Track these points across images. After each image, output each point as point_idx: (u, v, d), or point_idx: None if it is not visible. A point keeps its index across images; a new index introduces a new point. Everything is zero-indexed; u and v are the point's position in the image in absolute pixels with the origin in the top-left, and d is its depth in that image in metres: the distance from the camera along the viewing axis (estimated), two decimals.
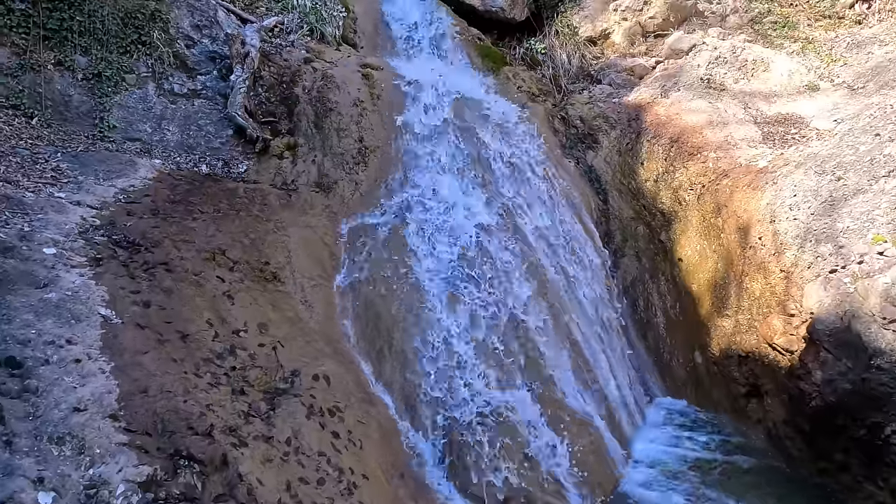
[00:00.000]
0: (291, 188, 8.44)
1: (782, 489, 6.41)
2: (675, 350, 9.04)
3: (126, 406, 4.16)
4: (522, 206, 8.53)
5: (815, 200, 6.87)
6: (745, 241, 7.77)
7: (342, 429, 5.04)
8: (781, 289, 7.09)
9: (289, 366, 5.44)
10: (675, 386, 8.81)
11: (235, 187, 7.83)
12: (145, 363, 4.54)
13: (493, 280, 7.14)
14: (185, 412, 4.28)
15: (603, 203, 10.22)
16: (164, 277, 5.57)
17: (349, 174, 8.61)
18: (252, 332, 5.59)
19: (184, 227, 6.44)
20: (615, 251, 9.91)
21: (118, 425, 4.02)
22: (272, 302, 6.17)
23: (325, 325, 6.38)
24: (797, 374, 6.17)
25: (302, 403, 5.00)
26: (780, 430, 6.92)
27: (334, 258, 7.31)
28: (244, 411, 4.62)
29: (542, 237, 8.41)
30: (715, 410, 8.16)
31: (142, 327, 4.89)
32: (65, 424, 3.87)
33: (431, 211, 7.96)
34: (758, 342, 7.50)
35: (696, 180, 9.05)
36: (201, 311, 5.43)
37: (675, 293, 9.25)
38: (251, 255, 6.57)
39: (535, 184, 8.94)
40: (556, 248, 8.52)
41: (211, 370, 4.85)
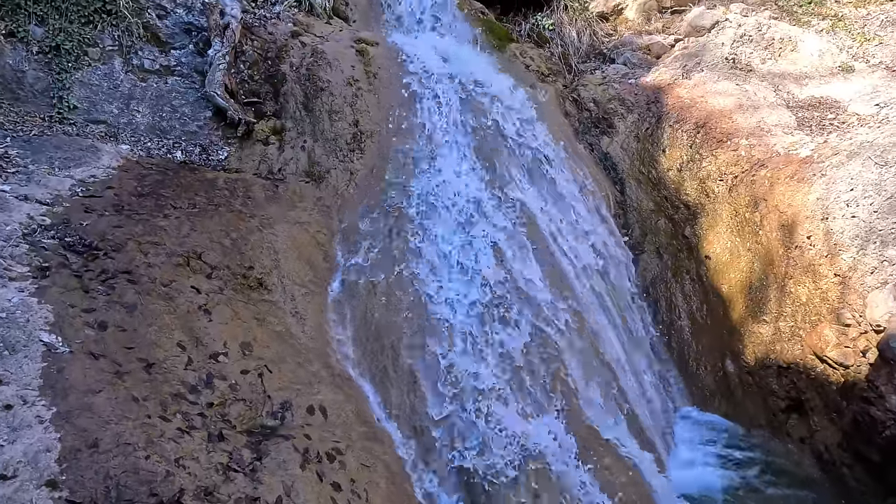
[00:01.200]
0: (278, 178, 7.48)
1: None
2: (701, 356, 8.22)
3: (69, 467, 3.25)
4: (538, 200, 7.63)
5: (878, 196, 6.03)
6: (789, 239, 6.93)
7: (344, 478, 4.16)
8: (835, 295, 6.28)
9: (278, 396, 4.54)
10: (702, 396, 8.01)
11: (215, 177, 6.86)
12: (97, 406, 3.62)
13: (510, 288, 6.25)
14: (147, 472, 3.37)
15: (620, 194, 9.35)
16: (126, 290, 4.62)
17: (343, 162, 7.65)
18: (234, 354, 4.68)
19: (152, 226, 5.48)
20: (633, 246, 9.06)
21: (58, 496, 3.11)
22: (257, 315, 5.25)
23: (319, 340, 5.47)
24: (866, 397, 5.37)
25: (295, 448, 4.11)
26: (834, 455, 6.14)
27: (328, 260, 6.39)
28: (223, 464, 3.72)
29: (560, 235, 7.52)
30: (749, 425, 7.37)
31: (95, 357, 3.96)
32: None
33: (437, 206, 7.03)
34: (803, 353, 6.71)
35: (727, 170, 8.19)
36: (171, 332, 4.51)
37: (701, 294, 8.43)
38: (232, 259, 5.63)
39: (550, 174, 8.03)
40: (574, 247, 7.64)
41: (182, 409, 3.94)
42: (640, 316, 8.26)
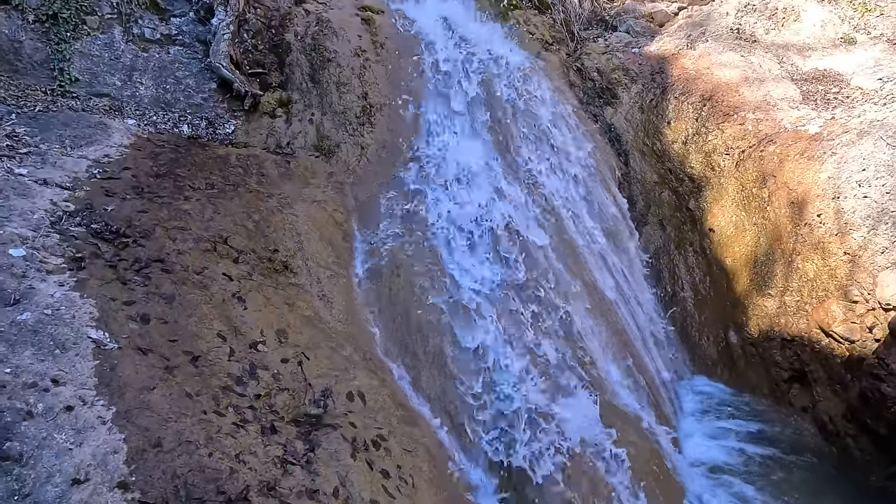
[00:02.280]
0: (287, 152, 7.37)
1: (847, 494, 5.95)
2: (704, 327, 8.45)
3: (138, 468, 3.27)
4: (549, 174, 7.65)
5: (891, 178, 6.17)
6: (798, 216, 7.08)
7: (391, 465, 4.25)
8: (844, 273, 6.46)
9: (318, 384, 4.58)
10: (704, 366, 8.26)
11: (226, 154, 6.73)
12: (154, 404, 3.62)
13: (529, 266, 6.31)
14: (213, 470, 3.41)
15: (624, 165, 9.40)
16: (162, 280, 4.58)
17: (353, 136, 7.56)
18: (271, 343, 4.69)
19: (176, 209, 5.39)
20: (637, 218, 9.16)
21: (131, 497, 3.14)
22: (287, 300, 5.25)
23: (348, 324, 5.50)
24: (876, 374, 5.60)
25: (343, 437, 4.17)
26: (838, 426, 6.42)
27: (348, 240, 6.37)
28: (279, 457, 3.78)
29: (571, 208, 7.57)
30: (752, 394, 7.65)
31: (143, 352, 3.94)
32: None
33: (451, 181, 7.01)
34: (808, 326, 6.93)
35: (734, 144, 8.26)
36: (210, 322, 4.49)
37: (704, 266, 8.60)
38: (257, 243, 5.58)
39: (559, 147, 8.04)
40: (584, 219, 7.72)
41: (233, 403, 3.96)
42: (646, 288, 8.41)
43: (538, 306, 6.14)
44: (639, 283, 8.31)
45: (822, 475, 6.29)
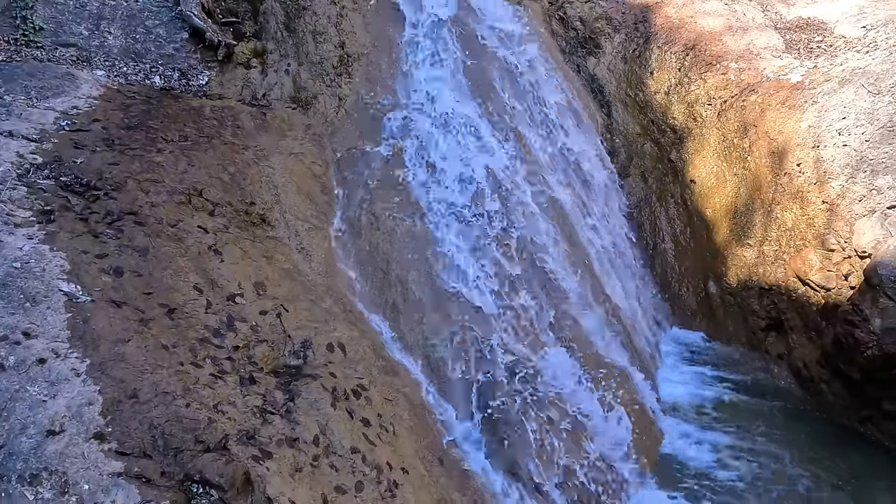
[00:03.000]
0: (264, 104, 7.20)
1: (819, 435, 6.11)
2: (684, 278, 8.53)
3: (114, 419, 3.26)
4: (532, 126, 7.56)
5: (870, 125, 6.16)
6: (778, 166, 7.08)
7: (371, 414, 4.28)
8: (822, 222, 6.50)
9: (298, 336, 4.57)
10: (684, 315, 8.36)
11: (200, 106, 6.57)
12: (129, 356, 3.59)
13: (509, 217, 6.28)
14: (191, 420, 3.41)
15: (606, 117, 9.32)
16: (135, 232, 4.50)
17: (330, 87, 7.39)
18: (249, 295, 4.65)
19: (148, 162, 5.27)
20: (619, 170, 9.13)
21: (108, 448, 3.13)
22: (265, 253, 5.19)
23: (327, 276, 5.47)
24: (850, 320, 5.68)
25: (323, 387, 4.18)
26: (812, 371, 6.55)
27: (327, 193, 6.28)
28: (259, 407, 3.78)
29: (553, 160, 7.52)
30: (730, 342, 7.78)
31: (117, 304, 3.89)
32: (38, 456, 2.96)
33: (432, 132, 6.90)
34: (785, 275, 7.01)
35: (716, 94, 8.20)
36: (186, 275, 4.43)
37: (685, 217, 8.63)
38: (233, 195, 5.49)
39: (542, 98, 7.93)
40: (566, 172, 7.67)
41: (210, 354, 3.94)
42: (627, 240, 8.43)
43: (520, 257, 6.14)
44: (620, 235, 8.32)
45: (796, 419, 6.45)
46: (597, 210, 8.07)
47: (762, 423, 6.31)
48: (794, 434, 6.16)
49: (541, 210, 6.73)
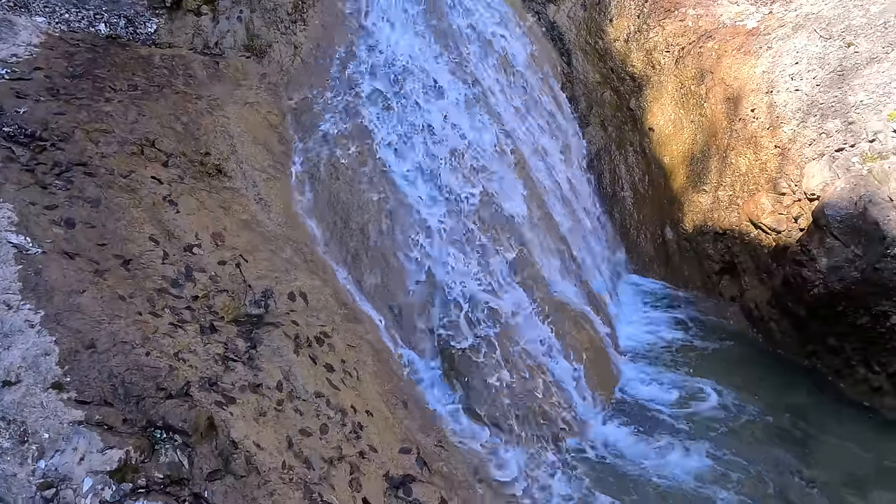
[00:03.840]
0: (216, 53, 6.98)
1: (768, 371, 6.39)
2: (642, 225, 8.70)
3: (72, 369, 3.23)
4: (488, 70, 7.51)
5: (821, 70, 6.28)
6: (733, 112, 7.19)
7: (335, 359, 4.32)
8: (774, 166, 6.67)
9: (258, 285, 4.55)
10: (643, 262, 8.57)
11: (150, 54, 6.33)
12: (85, 307, 3.54)
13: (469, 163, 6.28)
14: (151, 368, 3.40)
15: (566, 65, 9.29)
16: (86, 183, 4.38)
17: (285, 35, 7.18)
18: (206, 245, 4.60)
19: (97, 111, 5.09)
20: (580, 119, 9.16)
21: (66, 397, 3.12)
22: (222, 203, 5.12)
23: (287, 226, 5.43)
24: (798, 260, 5.89)
25: (285, 334, 4.20)
26: (763, 311, 6.80)
27: (284, 142, 6.18)
28: (220, 354, 3.78)
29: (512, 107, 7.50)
30: (685, 287, 8.02)
31: (70, 256, 3.81)
32: None
33: (390, 80, 6.80)
34: (739, 220, 7.20)
35: (674, 41, 8.24)
36: (141, 225, 4.35)
37: (644, 166, 8.75)
38: (187, 146, 5.36)
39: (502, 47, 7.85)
40: (526, 118, 7.67)
41: (169, 304, 3.91)
42: (587, 188, 8.53)
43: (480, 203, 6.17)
44: (580, 184, 8.41)
45: (748, 357, 6.72)
46: (556, 158, 8.11)
47: (715, 362, 6.56)
48: (746, 371, 6.43)
49: (500, 157, 6.74)
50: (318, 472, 3.58)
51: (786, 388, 6.18)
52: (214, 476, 3.18)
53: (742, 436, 5.56)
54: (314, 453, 3.65)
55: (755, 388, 6.10)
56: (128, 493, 2.93)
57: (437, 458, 4.36)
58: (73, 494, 2.81)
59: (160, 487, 3.03)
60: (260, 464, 3.34)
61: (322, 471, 3.62)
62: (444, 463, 4.38)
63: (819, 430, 5.70)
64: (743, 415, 5.87)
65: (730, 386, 6.17)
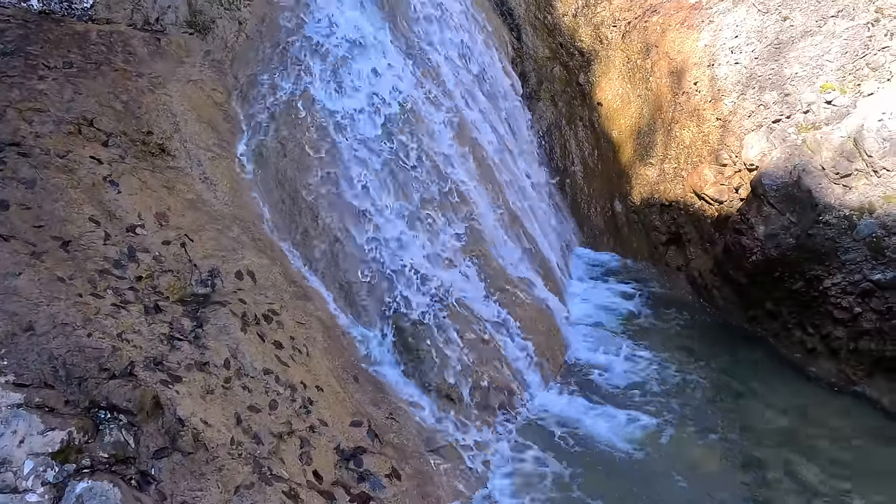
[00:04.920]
0: (158, 29, 6.80)
1: (711, 337, 6.63)
2: (592, 199, 8.87)
3: (9, 352, 3.19)
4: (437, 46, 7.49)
5: (759, 43, 6.46)
6: (677, 86, 7.35)
7: (283, 337, 4.33)
8: (716, 138, 6.86)
9: (204, 264, 4.52)
10: (592, 235, 8.75)
11: (86, 30, 6.13)
12: (22, 289, 3.48)
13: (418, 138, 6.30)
14: (93, 349, 3.37)
15: (517, 41, 9.33)
16: (20, 164, 4.26)
17: (229, 10, 7.03)
18: (150, 226, 4.54)
19: (29, 90, 4.94)
20: (530, 94, 9.24)
21: (4, 380, 3.08)
22: (166, 183, 5.04)
23: (234, 206, 5.38)
24: (738, 229, 6.10)
25: (232, 312, 4.19)
26: (706, 279, 7.03)
27: (230, 120, 6.09)
28: (166, 334, 3.77)
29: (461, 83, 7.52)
30: (634, 258, 8.22)
31: (4, 238, 3.73)
32: None
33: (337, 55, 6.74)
34: (683, 191, 7.40)
35: (621, 16, 8.35)
36: (80, 206, 4.27)
37: (593, 140, 8.89)
38: (128, 125, 5.25)
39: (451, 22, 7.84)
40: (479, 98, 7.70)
41: (111, 285, 3.86)
42: (537, 162, 8.63)
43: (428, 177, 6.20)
44: (530, 158, 8.50)
45: (693, 325, 6.96)
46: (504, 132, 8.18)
47: (662, 330, 6.78)
48: (692, 338, 6.67)
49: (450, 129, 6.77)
50: (267, 447, 3.61)
51: (729, 351, 6.44)
52: (161, 454, 3.19)
53: (685, 398, 5.78)
54: (263, 429, 3.68)
55: (700, 354, 6.34)
56: (71, 473, 2.92)
57: (388, 430, 4.43)
58: (13, 477, 2.79)
59: (105, 467, 3.03)
60: (208, 440, 3.36)
61: (272, 446, 3.66)
62: (396, 434, 4.46)
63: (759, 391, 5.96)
64: (687, 378, 6.09)
65: (675, 352, 6.39)
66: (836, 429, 5.51)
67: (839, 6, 6.10)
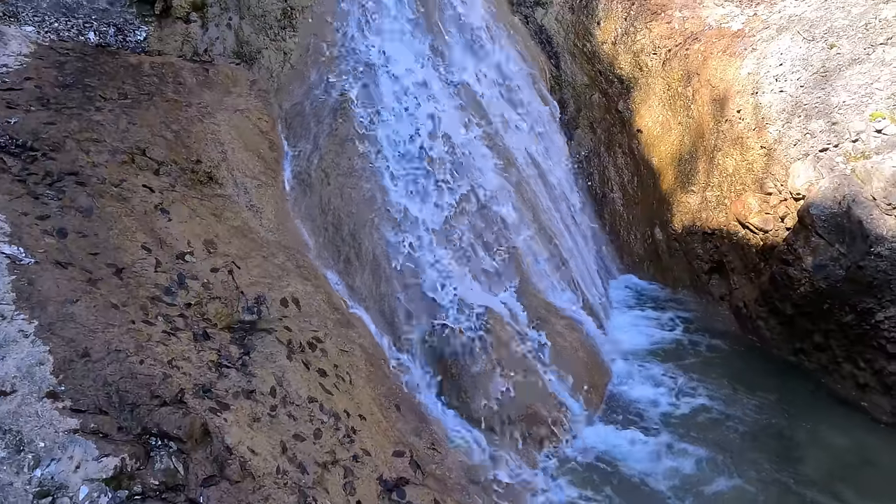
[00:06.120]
0: (206, 60, 7.02)
1: (756, 369, 6.46)
2: (632, 226, 8.78)
3: (66, 378, 3.26)
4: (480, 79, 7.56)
5: (805, 71, 6.37)
6: (720, 113, 7.28)
7: (327, 364, 4.36)
8: (760, 166, 6.75)
9: (251, 291, 4.59)
10: (632, 263, 8.64)
11: (139, 62, 6.37)
12: (79, 316, 3.57)
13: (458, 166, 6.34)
14: (145, 376, 3.43)
15: (555, 68, 9.36)
16: (77, 193, 4.40)
17: (275, 41, 7.23)
18: (199, 253, 4.63)
19: (87, 121, 5.12)
20: (568, 121, 9.24)
21: (62, 406, 3.15)
22: (214, 211, 5.15)
23: (279, 233, 5.47)
24: (784, 259, 5.97)
25: (278, 340, 4.24)
26: (751, 310, 6.88)
27: (275, 149, 6.22)
28: (214, 361, 3.82)
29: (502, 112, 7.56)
30: (675, 286, 8.09)
31: (62, 265, 3.84)
32: None
33: (381, 86, 6.85)
34: (727, 220, 7.28)
35: (661, 43, 8.32)
36: (133, 234, 4.38)
37: (633, 167, 8.83)
38: (178, 153, 5.39)
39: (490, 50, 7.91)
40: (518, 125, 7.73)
41: (162, 312, 3.94)
42: (576, 190, 8.60)
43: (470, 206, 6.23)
44: (570, 186, 8.47)
45: (737, 355, 6.79)
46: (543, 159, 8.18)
47: (706, 360, 6.63)
48: (736, 369, 6.50)
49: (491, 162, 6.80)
50: (312, 476, 3.62)
51: (775, 385, 6.25)
52: (210, 482, 3.22)
53: (730, 434, 5.62)
54: (308, 458, 3.69)
55: (745, 386, 6.17)
56: (124, 499, 2.96)
57: (430, 461, 4.41)
58: (69, 502, 2.84)
59: (156, 494, 3.07)
60: (254, 469, 3.38)
61: (316, 475, 3.66)
62: (438, 465, 4.43)
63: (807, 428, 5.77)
64: (732, 413, 5.93)
65: (720, 385, 6.24)
66: (891, 468, 5.30)
67: (888, 33, 5.99)
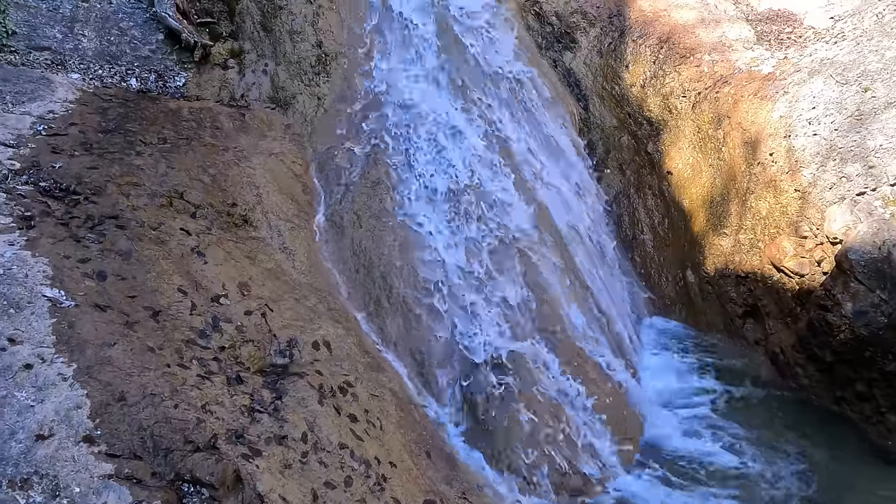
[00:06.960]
0: (242, 105, 7.21)
1: (794, 418, 6.27)
2: (663, 268, 8.67)
3: (103, 422, 3.29)
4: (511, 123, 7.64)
5: (839, 115, 6.31)
6: (752, 156, 7.22)
7: (358, 410, 4.33)
8: (794, 209, 6.65)
9: (283, 334, 4.61)
10: (664, 305, 8.50)
11: (178, 108, 6.56)
12: (116, 359, 3.61)
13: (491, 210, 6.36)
14: (179, 420, 3.44)
15: (584, 111, 9.42)
16: (117, 236, 4.50)
17: (309, 87, 7.41)
18: (233, 296, 4.68)
19: (128, 165, 5.27)
20: (597, 164, 9.25)
21: (97, 450, 3.16)
22: (248, 254, 5.22)
23: (310, 275, 5.51)
24: (822, 304, 5.84)
25: (310, 384, 4.23)
26: (788, 356, 6.70)
27: (308, 192, 6.31)
28: (247, 406, 3.82)
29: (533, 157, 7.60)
30: (708, 330, 7.93)
31: (101, 308, 3.90)
32: (28, 460, 2.98)
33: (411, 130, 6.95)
34: (761, 263, 7.16)
35: (690, 87, 8.33)
36: (170, 277, 4.45)
37: (663, 209, 8.77)
38: (214, 197, 5.50)
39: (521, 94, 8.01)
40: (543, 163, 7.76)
41: (197, 356, 3.97)
42: (606, 232, 8.55)
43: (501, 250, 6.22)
44: (600, 228, 8.44)
45: (773, 403, 6.60)
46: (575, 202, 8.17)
47: (742, 408, 6.46)
48: (773, 417, 6.32)
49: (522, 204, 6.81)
50: None
51: (814, 435, 6.06)
52: None
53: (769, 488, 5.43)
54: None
55: (783, 437, 5.99)
56: None
57: None
58: None
59: None
60: None
61: None
62: None
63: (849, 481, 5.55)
64: (770, 464, 5.75)
65: (757, 434, 6.06)
66: None
67: None
